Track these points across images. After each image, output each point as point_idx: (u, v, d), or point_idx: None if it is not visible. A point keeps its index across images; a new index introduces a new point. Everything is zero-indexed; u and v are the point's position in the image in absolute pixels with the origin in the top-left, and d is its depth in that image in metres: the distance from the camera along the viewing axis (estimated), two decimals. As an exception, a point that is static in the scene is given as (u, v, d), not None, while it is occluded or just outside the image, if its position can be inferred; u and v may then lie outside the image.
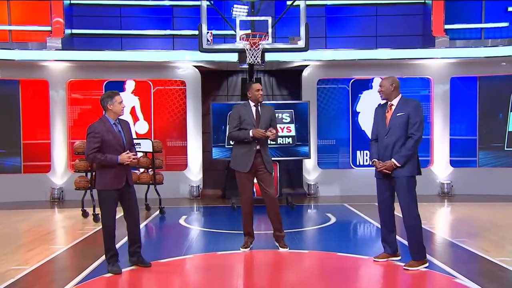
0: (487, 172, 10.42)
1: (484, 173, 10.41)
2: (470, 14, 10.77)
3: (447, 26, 10.49)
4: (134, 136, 6.02)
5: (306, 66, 10.54)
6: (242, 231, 5.56)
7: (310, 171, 10.62)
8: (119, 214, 4.68)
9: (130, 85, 10.60)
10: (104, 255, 4.65)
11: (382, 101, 4.90)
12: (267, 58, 9.02)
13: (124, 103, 4.75)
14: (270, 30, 8.41)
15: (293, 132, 9.17)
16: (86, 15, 10.81)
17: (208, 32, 8.49)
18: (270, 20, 8.45)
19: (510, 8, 10.51)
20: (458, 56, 10.09)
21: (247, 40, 8.26)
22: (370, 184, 5.85)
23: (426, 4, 10.85)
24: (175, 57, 10.28)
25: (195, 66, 10.49)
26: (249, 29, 8.99)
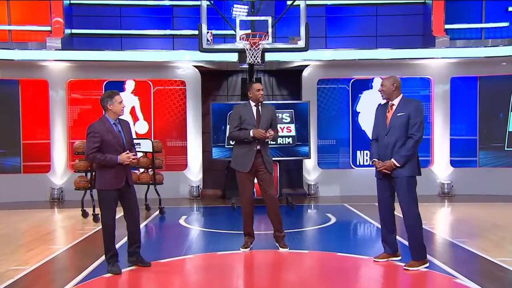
0: (488, 172, 10.41)
1: (485, 173, 10.40)
2: (470, 14, 10.76)
3: (447, 26, 10.49)
4: (134, 136, 6.00)
5: (306, 66, 10.54)
6: (242, 231, 5.56)
7: (310, 171, 10.62)
8: (119, 214, 4.68)
9: (130, 85, 10.59)
10: (104, 255, 4.64)
11: (382, 101, 4.89)
12: (267, 58, 9.01)
13: (124, 103, 4.74)
14: (270, 30, 8.39)
15: (293, 132, 9.16)
16: (86, 15, 10.80)
17: (208, 32, 8.48)
18: (270, 20, 8.44)
19: (511, 8, 10.50)
20: (459, 56, 10.09)
21: (247, 40, 8.25)
22: (370, 184, 5.84)
23: (426, 4, 10.84)
24: (175, 57, 10.27)
25: (195, 66, 10.48)
26: (249, 29, 8.98)
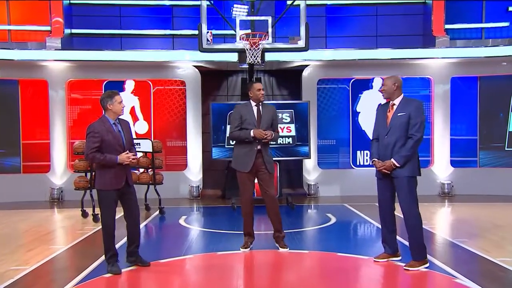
0: (488, 172, 10.40)
1: (485, 173, 10.39)
2: (470, 14, 10.76)
3: (448, 26, 10.49)
4: (134, 136, 5.99)
5: (306, 66, 10.53)
6: (242, 231, 5.55)
7: (310, 171, 10.61)
8: (119, 214, 4.68)
9: (129, 85, 10.58)
10: (104, 255, 4.64)
11: (382, 101, 4.88)
12: (267, 58, 9.01)
13: (124, 103, 4.73)
14: (270, 30, 8.39)
15: (293, 132, 9.15)
16: (86, 15, 10.80)
17: (208, 32, 8.47)
18: (270, 20, 8.43)
19: (511, 8, 10.50)
20: (459, 56, 10.08)
21: (247, 40, 8.25)
22: (370, 184, 5.84)
23: (426, 4, 10.84)
24: (175, 57, 10.27)
25: (195, 66, 10.47)
26: (249, 29, 8.96)
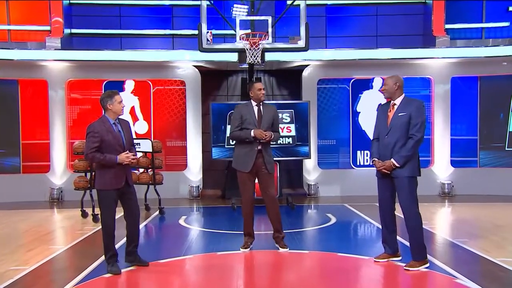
0: (488, 172, 10.39)
1: (485, 173, 10.38)
2: (470, 13, 10.75)
3: (448, 26, 10.48)
4: (134, 136, 5.98)
5: (306, 66, 10.52)
6: (242, 232, 5.54)
7: (310, 171, 10.60)
8: (119, 214, 4.67)
9: (129, 85, 10.57)
10: (104, 256, 4.63)
11: (383, 101, 4.86)
12: (267, 58, 9.00)
13: (124, 103, 4.72)
14: (270, 30, 8.38)
15: (293, 132, 9.14)
16: (86, 14, 10.79)
17: (208, 32, 8.47)
18: (270, 20, 8.42)
19: (511, 8, 10.49)
20: (459, 56, 10.07)
21: (247, 39, 8.24)
22: (370, 185, 5.84)
23: (426, 3, 10.83)
24: (174, 57, 10.26)
25: (195, 66, 10.46)
26: (249, 29, 8.95)
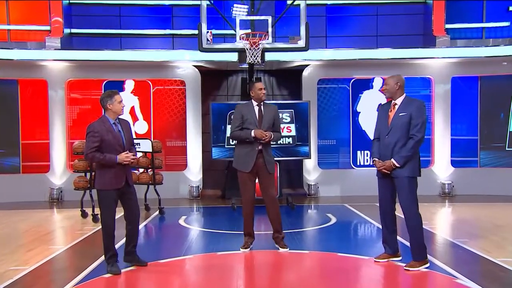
0: (488, 172, 10.38)
1: (485, 173, 10.37)
2: (471, 13, 10.74)
3: (448, 26, 10.47)
4: (134, 136, 5.97)
5: (307, 65, 10.51)
6: (242, 232, 5.54)
7: (311, 171, 10.59)
8: (119, 214, 4.66)
9: (129, 85, 10.56)
10: (104, 256, 4.62)
11: (383, 101, 4.85)
12: (267, 58, 8.99)
13: (124, 103, 4.72)
14: (270, 30, 8.37)
15: (293, 132, 9.14)
16: (85, 14, 10.78)
17: (208, 32, 8.45)
18: (270, 20, 8.41)
19: (511, 8, 10.48)
20: (459, 55, 10.06)
21: (247, 39, 8.23)
22: (370, 185, 5.83)
23: (427, 3, 10.82)
24: (174, 56, 10.25)
25: (194, 66, 10.45)
26: (249, 29, 8.94)
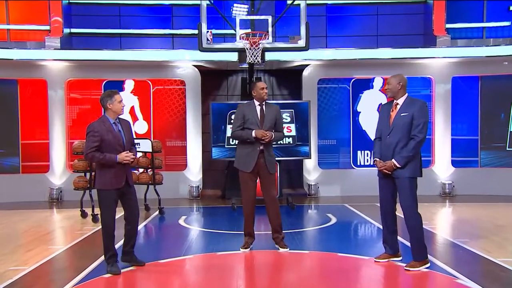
0: (489, 172, 10.37)
1: (486, 173, 10.35)
2: (471, 13, 10.73)
3: (449, 25, 10.45)
4: (134, 136, 5.96)
5: (307, 65, 10.50)
6: (242, 232, 5.53)
7: (311, 171, 10.58)
8: (119, 214, 4.65)
9: (129, 84, 10.55)
10: (103, 256, 4.61)
11: (383, 101, 4.84)
12: (267, 58, 8.98)
13: (124, 102, 4.71)
14: (270, 29, 8.35)
15: (294, 132, 9.12)
16: (85, 14, 10.77)
17: (208, 31, 8.44)
18: (270, 19, 8.40)
19: (512, 7, 10.49)
20: (460, 55, 10.04)
21: (247, 39, 8.21)
22: (371, 185, 5.82)
23: (427, 3, 10.81)
24: (174, 56, 10.24)
25: (194, 66, 10.44)
26: (249, 28, 8.92)
